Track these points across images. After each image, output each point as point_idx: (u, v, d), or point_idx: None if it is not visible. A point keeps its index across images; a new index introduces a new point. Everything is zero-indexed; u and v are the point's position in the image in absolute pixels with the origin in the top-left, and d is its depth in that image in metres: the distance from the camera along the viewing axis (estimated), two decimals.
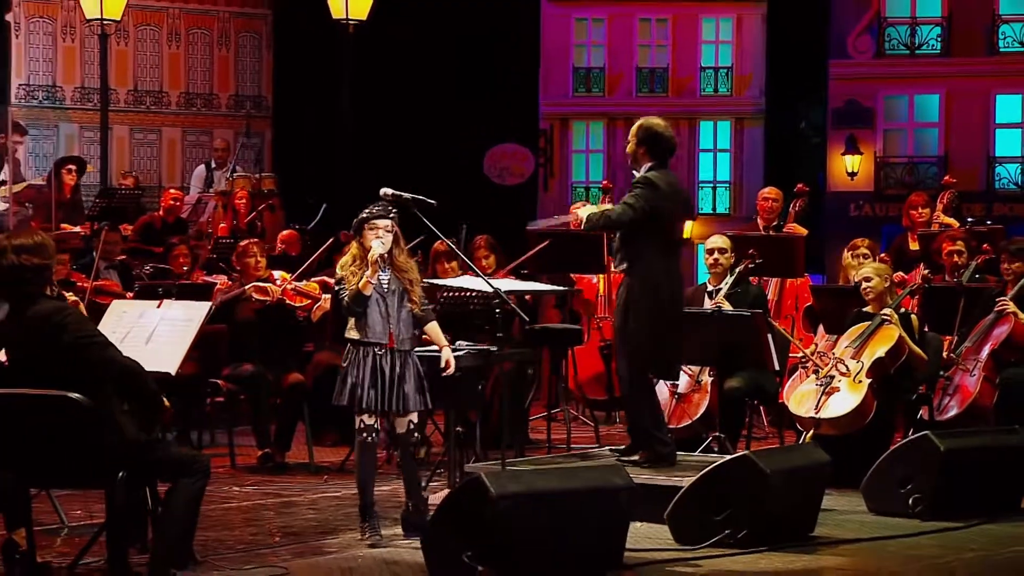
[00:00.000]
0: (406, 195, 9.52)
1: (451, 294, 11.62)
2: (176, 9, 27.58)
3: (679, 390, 12.26)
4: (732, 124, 26.18)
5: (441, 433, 11.70)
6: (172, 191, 19.21)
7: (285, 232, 17.16)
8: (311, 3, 22.86)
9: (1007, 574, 8.99)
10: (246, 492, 11.25)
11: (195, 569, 8.09)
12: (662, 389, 12.23)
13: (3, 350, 7.60)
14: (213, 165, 22.79)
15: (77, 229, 17.34)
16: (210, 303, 8.99)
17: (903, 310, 12.01)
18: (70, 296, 12.01)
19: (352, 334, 9.15)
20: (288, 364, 12.56)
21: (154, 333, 8.25)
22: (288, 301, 12.64)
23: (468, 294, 11.36)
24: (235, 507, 10.59)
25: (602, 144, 26.42)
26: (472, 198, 23.57)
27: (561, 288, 13.62)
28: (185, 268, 14.56)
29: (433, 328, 9.43)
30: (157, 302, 8.64)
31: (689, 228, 24.20)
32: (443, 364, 9.41)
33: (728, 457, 9.54)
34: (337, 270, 9.36)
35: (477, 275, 10.40)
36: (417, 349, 9.47)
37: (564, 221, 12.28)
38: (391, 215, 9.34)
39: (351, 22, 21.77)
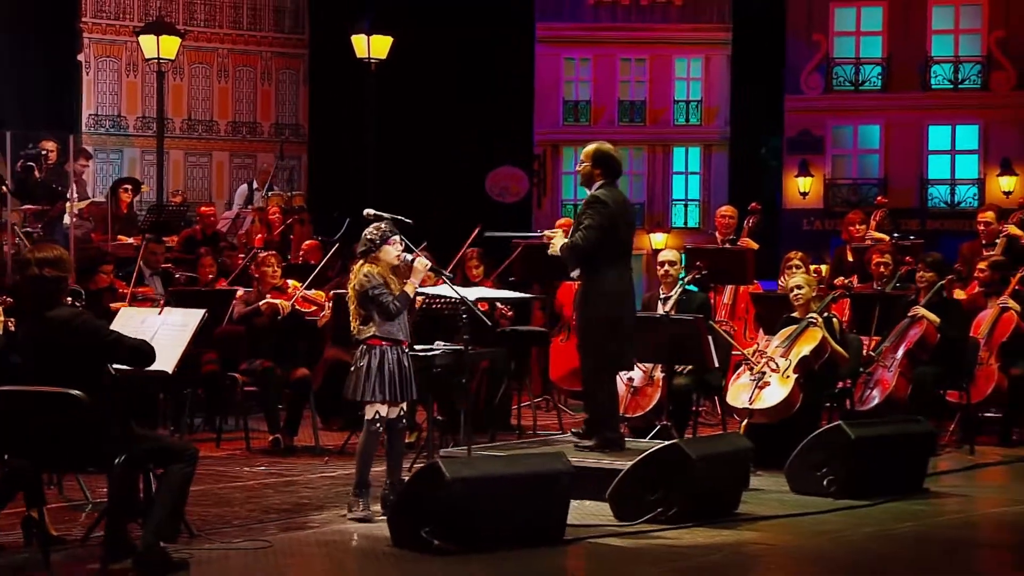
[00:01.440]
0: (386, 215, 9.44)
1: (430, 300, 11.59)
2: (225, 49, 27.54)
3: (634, 384, 12.18)
4: (701, 150, 26.10)
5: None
6: (204, 207, 19.05)
7: (307, 243, 17.05)
8: (341, 44, 22.87)
9: (900, 546, 8.89)
10: (254, 472, 11.16)
11: (189, 542, 8.09)
12: (620, 384, 12.22)
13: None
14: (255, 185, 22.80)
15: (131, 240, 17.29)
16: (204, 311, 8.77)
17: (827, 314, 11.90)
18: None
19: (374, 332, 8.99)
20: (297, 360, 12.46)
21: (155, 336, 8.17)
22: (298, 308, 12.61)
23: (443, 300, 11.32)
24: (241, 486, 10.51)
25: None
26: (476, 213, 23.55)
27: (528, 295, 13.47)
28: (210, 276, 14.45)
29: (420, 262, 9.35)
30: (159, 309, 8.59)
31: (664, 240, 24.19)
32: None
33: (661, 445, 9.42)
34: (368, 277, 8.99)
35: (448, 284, 10.31)
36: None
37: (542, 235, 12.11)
38: (398, 232, 9.33)
39: (373, 61, 22.02)
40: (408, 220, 9.68)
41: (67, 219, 19.10)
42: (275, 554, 7.99)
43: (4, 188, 17.53)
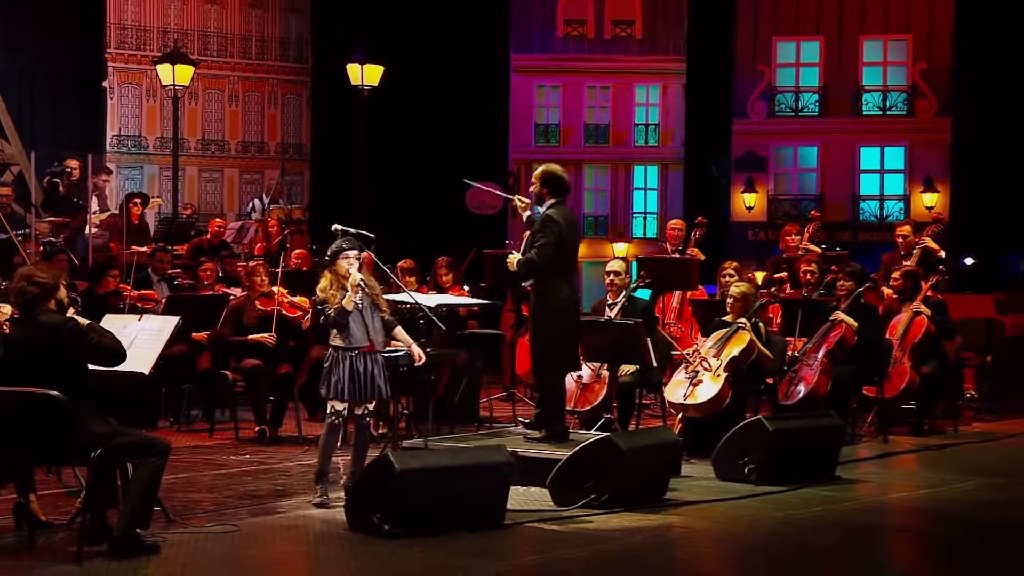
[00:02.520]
0: (352, 230, 9.39)
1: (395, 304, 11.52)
2: (235, 76, 27.49)
3: (584, 381, 12.10)
4: (659, 169, 26.07)
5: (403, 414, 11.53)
6: (216, 220, 18.98)
7: (298, 251, 16.92)
8: (338, 73, 22.99)
9: (805, 528, 8.85)
10: (238, 460, 11.03)
11: (166, 527, 8.02)
12: (570, 381, 12.18)
13: None
14: (266, 199, 22.84)
15: (144, 249, 17.19)
16: (179, 318, 8.70)
17: (754, 319, 11.85)
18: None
19: (336, 342, 8.99)
20: (282, 358, 12.37)
21: (134, 341, 8.12)
22: (283, 312, 12.53)
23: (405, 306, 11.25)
24: (224, 473, 10.39)
25: None
26: (456, 225, 23.65)
27: (484, 302, 13.34)
28: (206, 283, 14.36)
29: (400, 332, 9.30)
30: (139, 316, 8.52)
31: (625, 249, 24.15)
32: (416, 359, 9.30)
33: (596, 437, 9.39)
34: (318, 293, 9.11)
35: (402, 290, 10.26)
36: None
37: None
38: (359, 246, 9.25)
39: (366, 87, 22.09)
40: (371, 235, 9.65)
41: (89, 229, 19.08)
42: (240, 538, 7.94)
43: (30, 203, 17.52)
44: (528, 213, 10.30)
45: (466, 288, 14.36)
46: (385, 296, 10.67)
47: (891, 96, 25.24)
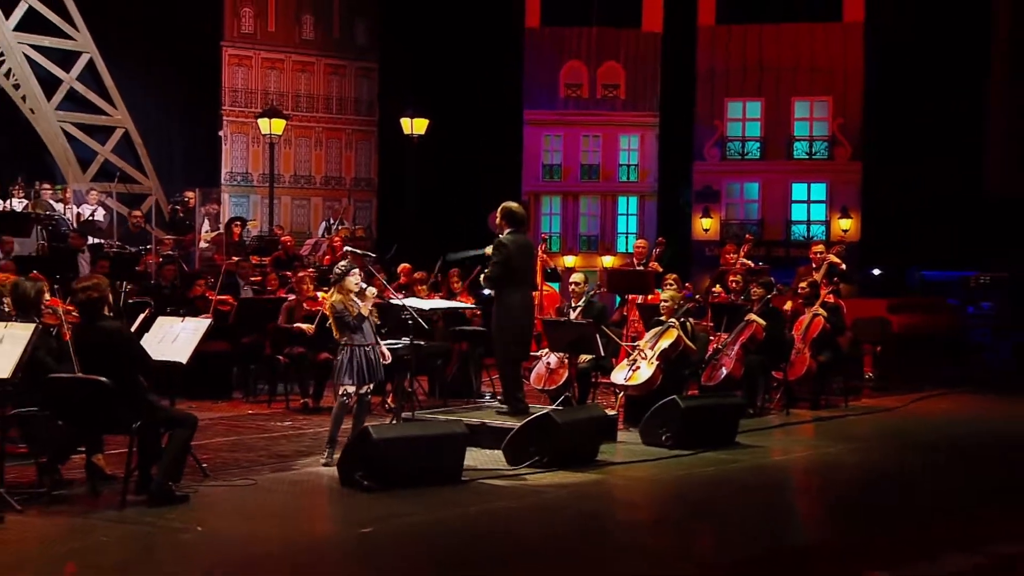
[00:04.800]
0: (359, 251, 9.41)
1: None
2: (320, 126, 27.49)
3: (551, 367, 12.05)
4: (638, 199, 25.84)
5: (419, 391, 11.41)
6: (285, 237, 18.99)
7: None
8: (395, 124, 23.03)
9: (693, 481, 8.80)
10: (281, 426, 10.92)
11: (201, 480, 8.02)
12: (541, 366, 12.13)
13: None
14: (334, 221, 22.86)
15: (234, 259, 17.23)
16: (210, 320, 8.68)
17: (682, 319, 11.74)
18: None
19: (346, 339, 8.94)
20: (322, 347, 12.28)
21: (177, 337, 8.11)
22: (325, 311, 12.48)
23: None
24: (267, 436, 10.28)
25: (559, 210, 26.35)
26: (481, 244, 23.54)
27: (469, 305, 13.16)
28: (269, 288, 14.36)
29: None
30: (181, 318, 8.49)
31: (612, 260, 23.99)
32: (384, 357, 9.32)
33: (538, 413, 9.31)
34: (335, 305, 8.96)
35: (393, 295, 10.21)
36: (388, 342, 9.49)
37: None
38: (355, 266, 9.27)
39: (415, 135, 22.12)
40: (373, 255, 9.63)
41: (204, 244, 19.23)
42: (255, 490, 7.89)
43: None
44: (497, 237, 10.25)
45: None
46: (391, 301, 10.72)
47: (816, 144, 24.96)
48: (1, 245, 15.13)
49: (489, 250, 10.28)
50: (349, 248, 9.39)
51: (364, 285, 9.01)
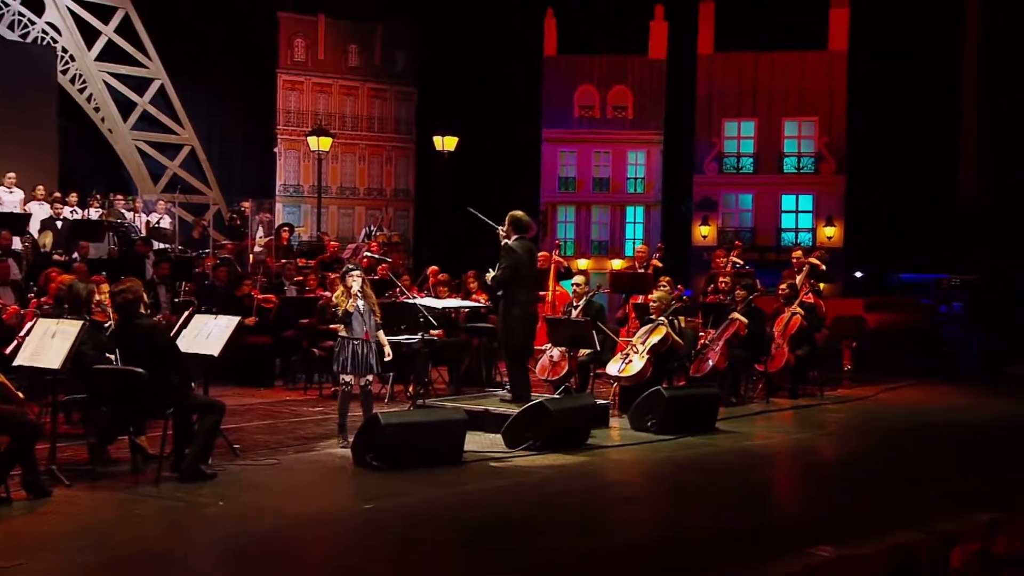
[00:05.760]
0: (375, 256, 9.36)
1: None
2: (363, 143, 27.69)
3: (554, 359, 11.96)
4: (644, 208, 25.75)
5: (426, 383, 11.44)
6: (331, 242, 18.96)
7: (381, 266, 16.87)
8: (429, 142, 23.00)
9: (669, 463, 8.65)
10: (312, 411, 10.86)
11: (232, 460, 8.04)
12: (546, 359, 12.06)
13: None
14: (373, 228, 22.84)
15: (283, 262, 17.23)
16: (240, 317, 8.61)
17: (671, 318, 11.65)
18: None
19: (342, 332, 8.94)
20: None
21: (211, 332, 8.12)
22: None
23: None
24: (298, 420, 10.24)
25: (573, 218, 26.29)
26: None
27: (478, 304, 13.06)
28: (308, 287, 14.33)
29: (380, 334, 9.10)
30: (214, 315, 8.50)
31: (620, 263, 23.90)
32: (386, 355, 9.15)
33: (533, 402, 9.26)
34: (333, 299, 9.02)
35: (408, 296, 10.17)
36: (393, 338, 9.39)
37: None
38: (359, 269, 9.21)
39: (446, 151, 22.11)
40: (388, 260, 9.59)
41: (258, 248, 19.24)
42: (278, 469, 7.90)
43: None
44: (505, 241, 10.22)
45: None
46: (404, 300, 10.69)
47: (803, 160, 24.86)
48: (78, 249, 15.24)
49: (501, 231, 10.22)
50: (368, 254, 9.38)
51: (356, 288, 8.91)
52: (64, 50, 23.24)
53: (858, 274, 23.96)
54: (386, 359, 9.09)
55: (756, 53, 25.22)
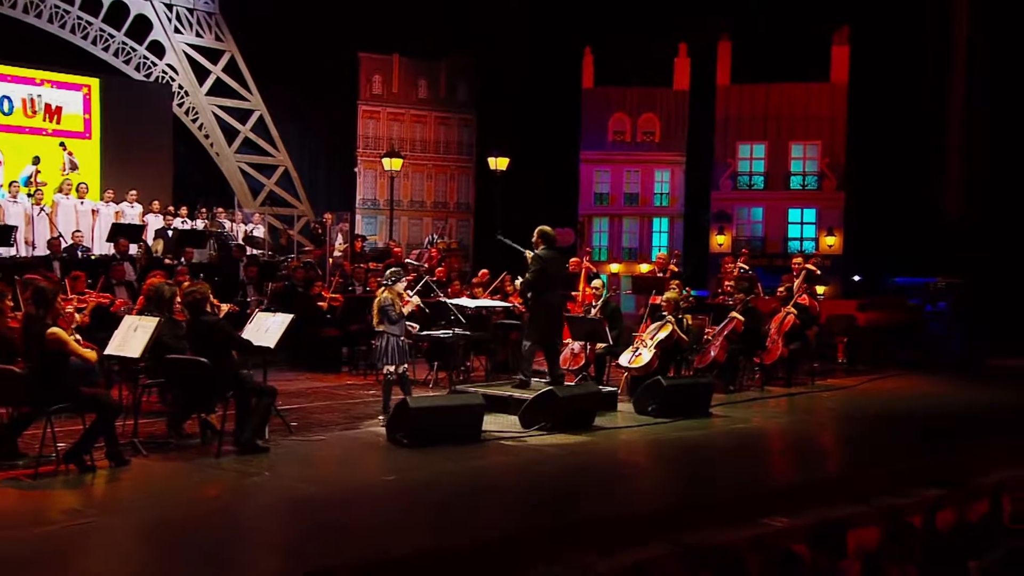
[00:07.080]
0: (412, 264, 9.32)
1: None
2: (431, 164, 27.81)
3: (575, 351, 11.87)
4: (669, 220, 25.47)
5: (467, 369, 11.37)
6: (396, 248, 18.98)
7: (438, 269, 16.86)
8: (485, 163, 23.01)
9: (660, 444, 8.56)
10: (366, 394, 10.82)
11: (286, 435, 8.04)
12: (567, 352, 11.94)
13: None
14: (435, 236, 22.88)
15: (354, 266, 17.30)
16: (293, 315, 8.63)
17: (679, 316, 11.49)
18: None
19: (387, 330, 8.92)
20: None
21: (269, 328, 8.17)
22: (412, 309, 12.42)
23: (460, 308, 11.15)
24: (351, 402, 10.19)
25: (607, 228, 26.10)
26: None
27: (503, 304, 12.91)
28: (369, 288, 14.38)
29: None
30: (273, 313, 8.53)
31: (647, 267, 23.66)
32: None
33: (544, 389, 9.15)
34: (384, 300, 8.95)
35: (440, 297, 10.13)
36: (432, 332, 9.40)
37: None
38: (402, 277, 9.23)
39: (499, 170, 22.06)
40: (425, 266, 9.57)
41: (331, 255, 19.37)
42: (323, 443, 7.90)
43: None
44: (534, 252, 10.11)
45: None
46: (438, 300, 10.66)
47: (808, 178, 24.43)
48: (184, 255, 15.54)
49: (529, 254, 10.21)
50: (406, 260, 9.42)
51: (409, 292, 8.96)
52: (180, 87, 23.73)
53: (856, 278, 23.45)
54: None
55: (767, 85, 24.86)
